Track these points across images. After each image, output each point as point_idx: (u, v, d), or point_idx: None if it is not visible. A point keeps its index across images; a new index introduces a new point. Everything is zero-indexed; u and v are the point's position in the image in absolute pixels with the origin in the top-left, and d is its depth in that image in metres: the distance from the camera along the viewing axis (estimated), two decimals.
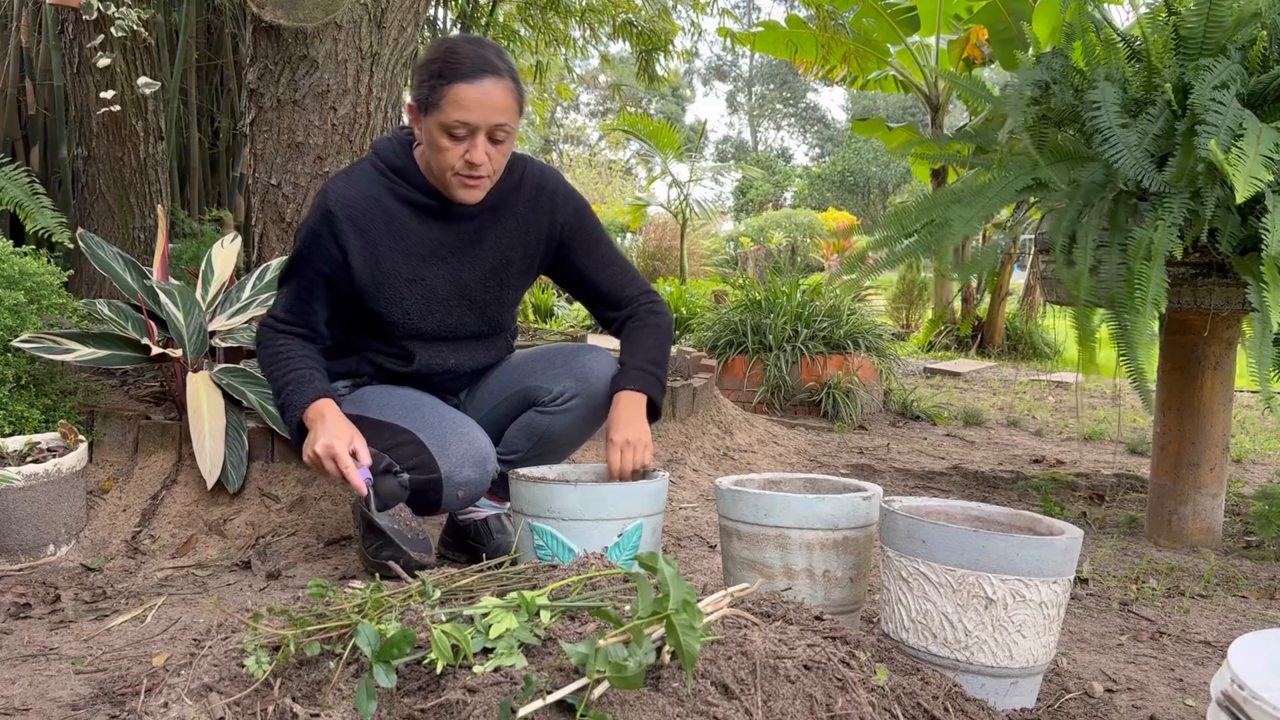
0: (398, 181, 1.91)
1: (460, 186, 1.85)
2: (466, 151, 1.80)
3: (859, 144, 27.12)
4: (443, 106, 1.76)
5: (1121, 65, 2.43)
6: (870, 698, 1.11)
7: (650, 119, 12.40)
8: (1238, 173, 1.91)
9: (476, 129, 1.78)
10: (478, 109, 1.76)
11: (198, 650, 1.26)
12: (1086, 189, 2.28)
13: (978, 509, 1.61)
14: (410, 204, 1.92)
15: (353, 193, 1.89)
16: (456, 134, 1.78)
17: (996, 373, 7.22)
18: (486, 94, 1.76)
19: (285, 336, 1.95)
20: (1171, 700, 1.57)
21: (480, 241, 1.98)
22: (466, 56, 1.77)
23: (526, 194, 1.99)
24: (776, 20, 7.70)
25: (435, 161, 1.84)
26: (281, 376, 1.90)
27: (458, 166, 1.81)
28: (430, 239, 1.94)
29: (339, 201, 1.89)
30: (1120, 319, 2.21)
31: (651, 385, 1.93)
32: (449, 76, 1.75)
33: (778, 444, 3.78)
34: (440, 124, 1.78)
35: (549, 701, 0.96)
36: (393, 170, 1.91)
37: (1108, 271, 2.20)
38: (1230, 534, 2.71)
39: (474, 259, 1.98)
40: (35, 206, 2.41)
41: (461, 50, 1.78)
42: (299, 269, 1.94)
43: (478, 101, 1.75)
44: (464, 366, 2.09)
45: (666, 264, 12.24)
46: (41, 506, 2.15)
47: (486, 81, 1.76)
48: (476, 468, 1.87)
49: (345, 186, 1.91)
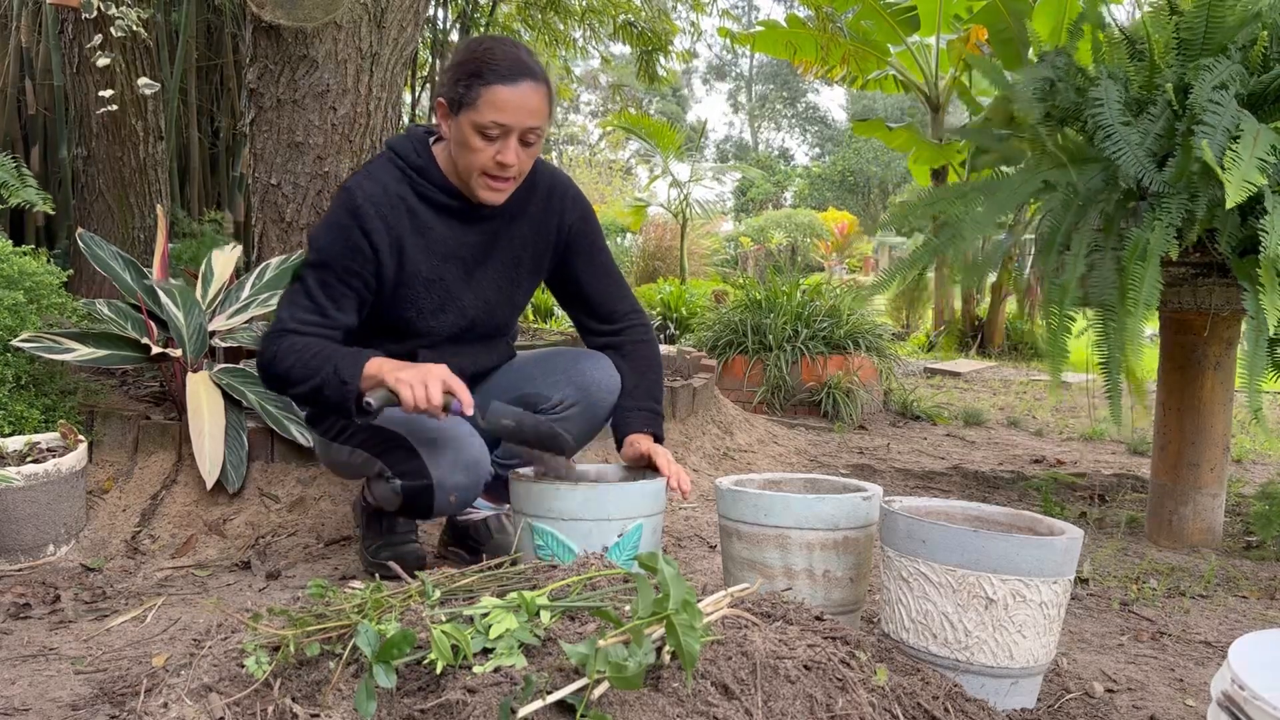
0: (419, 180, 1.89)
1: (486, 188, 1.84)
2: (498, 152, 1.79)
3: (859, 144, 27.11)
4: (479, 106, 1.75)
5: (1124, 64, 2.43)
6: (870, 698, 1.11)
7: (650, 119, 12.39)
8: (1231, 177, 1.91)
9: (510, 130, 1.77)
10: (514, 111, 1.75)
11: (198, 650, 1.26)
12: (1084, 195, 2.27)
13: (978, 509, 1.61)
14: (432, 203, 1.91)
15: (378, 190, 1.87)
16: (490, 134, 1.77)
17: (997, 373, 7.22)
18: (524, 97, 1.76)
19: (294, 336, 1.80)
20: (1172, 700, 1.56)
21: (496, 243, 1.98)
22: (504, 58, 1.76)
23: (540, 195, 1.99)
24: (776, 20, 7.70)
25: (464, 160, 1.82)
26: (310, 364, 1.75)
27: (488, 167, 1.80)
28: (450, 239, 1.93)
29: (366, 198, 1.85)
30: (1107, 324, 2.21)
31: (660, 425, 1.99)
32: (487, 77, 1.74)
33: (778, 444, 3.78)
34: (474, 124, 1.77)
35: (549, 702, 0.96)
36: (414, 169, 1.89)
37: (1100, 276, 2.20)
38: (1230, 534, 2.71)
39: (490, 260, 1.99)
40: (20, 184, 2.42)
41: (498, 51, 1.77)
42: (324, 268, 1.83)
43: (515, 104, 1.75)
44: (467, 369, 2.09)
45: (666, 264, 12.23)
46: (41, 506, 2.14)
47: (524, 84, 1.76)
48: (468, 473, 1.86)
49: (370, 183, 1.87)
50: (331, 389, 1.73)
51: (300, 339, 1.79)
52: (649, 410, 1.98)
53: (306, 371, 1.75)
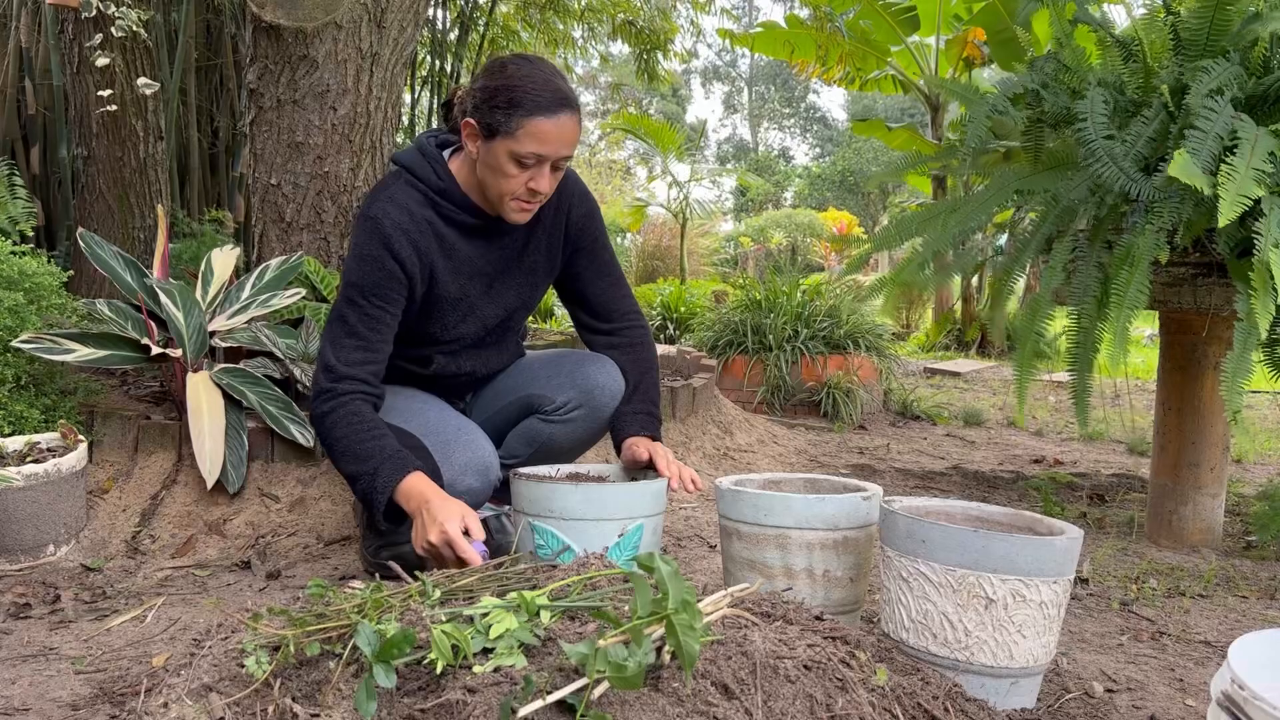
0: (443, 203, 1.89)
1: (517, 210, 1.85)
2: (531, 179, 1.79)
3: (859, 144, 27.09)
4: (518, 136, 1.74)
5: (1116, 67, 2.42)
6: (870, 698, 1.11)
7: (650, 119, 12.39)
8: (1224, 192, 1.88)
9: (547, 160, 1.78)
10: (555, 143, 1.76)
11: (197, 650, 1.26)
12: (1068, 200, 2.27)
13: (978, 509, 1.61)
14: (456, 224, 1.91)
15: (404, 216, 1.85)
16: (526, 163, 1.77)
17: (997, 373, 7.21)
18: (563, 128, 1.76)
19: (349, 397, 1.79)
20: (1172, 700, 1.56)
21: (518, 255, 2.00)
22: (545, 87, 1.75)
23: (550, 198, 2.00)
24: (776, 21, 7.71)
25: (495, 185, 1.82)
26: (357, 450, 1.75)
27: (519, 193, 1.81)
28: (475, 257, 1.94)
29: (394, 226, 1.83)
30: (1081, 325, 2.21)
31: (658, 428, 2.01)
32: (528, 108, 1.73)
33: (778, 444, 3.78)
34: (511, 152, 1.76)
35: (549, 701, 0.96)
36: (437, 192, 1.88)
37: (1080, 281, 2.20)
38: (1230, 534, 2.71)
39: (511, 271, 2.01)
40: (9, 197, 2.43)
41: (538, 78, 1.75)
42: (363, 300, 1.83)
43: (556, 136, 1.75)
44: (479, 371, 2.11)
45: (666, 264, 12.24)
46: (41, 506, 2.14)
47: (564, 115, 1.76)
48: (479, 477, 1.87)
49: (395, 210, 1.85)
50: (363, 487, 1.75)
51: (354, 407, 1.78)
52: (646, 413, 2.00)
53: (352, 457, 1.76)
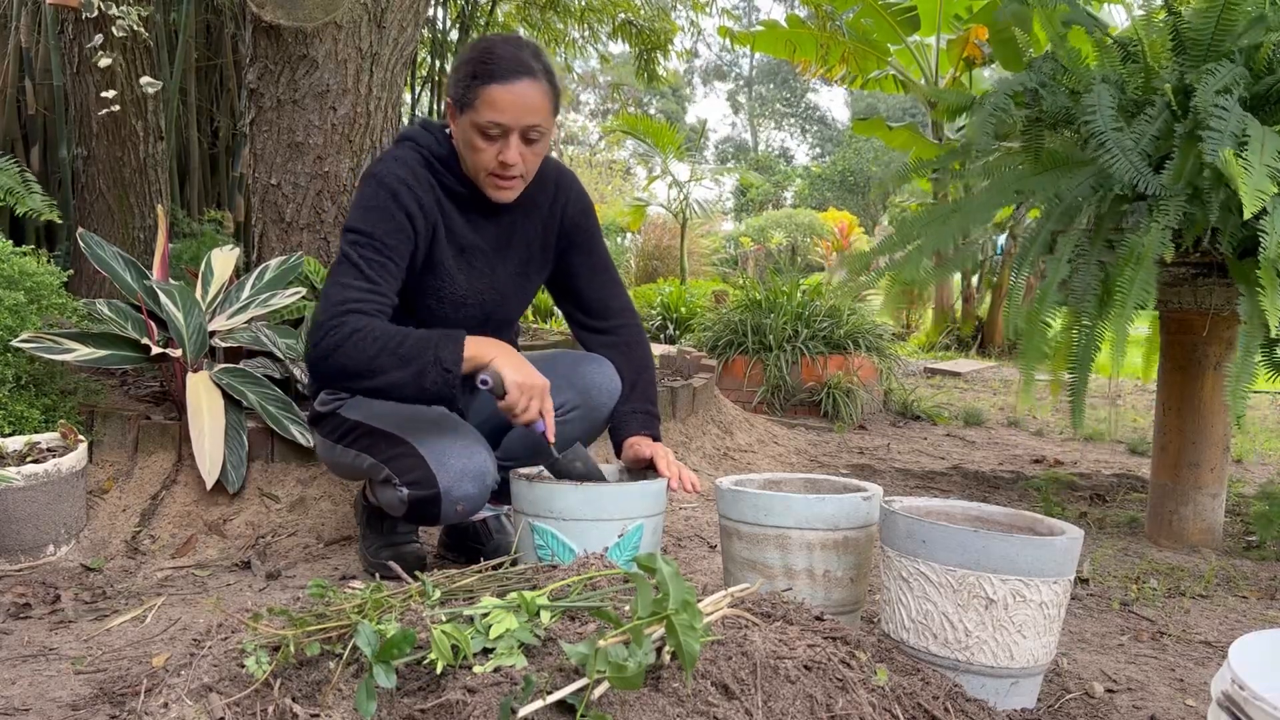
0: (443, 171, 1.90)
1: (494, 187, 1.86)
2: (500, 151, 1.80)
3: (859, 144, 27.09)
4: (477, 107, 1.77)
5: (1116, 67, 2.42)
6: (870, 698, 1.11)
7: (650, 119, 12.38)
8: (1244, 186, 1.89)
9: (510, 129, 1.78)
10: (512, 110, 1.76)
11: (198, 650, 1.26)
12: (1070, 200, 2.26)
13: (978, 509, 1.61)
14: (453, 195, 1.91)
15: (408, 174, 1.86)
16: (490, 134, 1.79)
17: (997, 373, 7.21)
18: (520, 95, 1.76)
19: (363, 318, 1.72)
20: (1172, 700, 1.56)
21: (511, 237, 1.99)
22: (502, 57, 1.77)
23: (547, 189, 2.01)
24: (776, 20, 7.70)
25: (470, 160, 1.85)
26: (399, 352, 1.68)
27: (491, 166, 1.82)
28: (470, 232, 1.94)
29: (400, 181, 1.84)
30: (1080, 325, 2.20)
31: (657, 426, 2.01)
32: (484, 77, 1.76)
33: (778, 444, 3.78)
34: (474, 124, 1.78)
35: (549, 702, 0.96)
36: (438, 159, 1.89)
37: (1081, 279, 2.20)
38: (1231, 534, 2.71)
39: (506, 254, 2.00)
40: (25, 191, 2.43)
41: (498, 51, 1.78)
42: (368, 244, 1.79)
43: (511, 103, 1.76)
44: None
45: (666, 264, 12.23)
46: (41, 506, 2.14)
47: (521, 83, 1.76)
48: (475, 483, 1.85)
49: (399, 168, 1.85)
50: (432, 379, 1.68)
51: (367, 321, 1.71)
52: (646, 412, 1.99)
53: (397, 361, 1.68)
